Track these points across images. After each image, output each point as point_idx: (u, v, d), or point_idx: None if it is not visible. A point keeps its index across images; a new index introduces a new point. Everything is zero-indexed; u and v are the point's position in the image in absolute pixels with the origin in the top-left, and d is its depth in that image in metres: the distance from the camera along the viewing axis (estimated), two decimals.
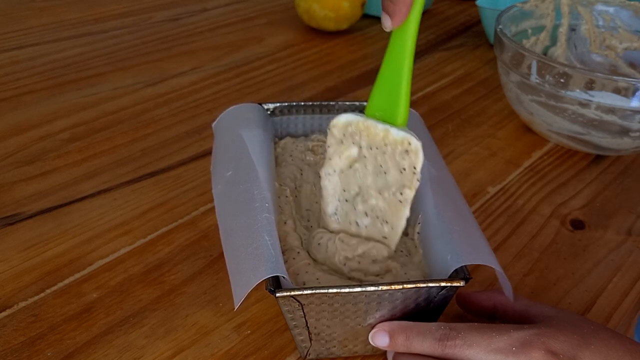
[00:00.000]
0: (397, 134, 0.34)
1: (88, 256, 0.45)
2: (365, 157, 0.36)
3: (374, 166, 0.36)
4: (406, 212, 0.36)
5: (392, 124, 0.35)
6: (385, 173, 0.35)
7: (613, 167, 0.58)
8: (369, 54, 0.82)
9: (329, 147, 0.37)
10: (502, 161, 0.59)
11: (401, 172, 0.35)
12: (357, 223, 0.38)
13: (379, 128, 0.35)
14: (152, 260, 0.45)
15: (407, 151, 0.34)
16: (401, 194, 0.35)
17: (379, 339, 0.34)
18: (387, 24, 0.34)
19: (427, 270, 0.37)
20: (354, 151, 0.36)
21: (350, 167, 0.37)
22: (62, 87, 0.69)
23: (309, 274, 0.36)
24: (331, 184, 0.37)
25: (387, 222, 0.36)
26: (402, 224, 0.36)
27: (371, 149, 0.35)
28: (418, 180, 0.34)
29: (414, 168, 0.34)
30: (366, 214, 0.37)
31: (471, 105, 0.69)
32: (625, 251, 0.48)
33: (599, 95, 0.52)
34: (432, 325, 0.33)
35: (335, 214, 0.38)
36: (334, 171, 0.37)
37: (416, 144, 0.34)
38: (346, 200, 0.37)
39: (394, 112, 0.35)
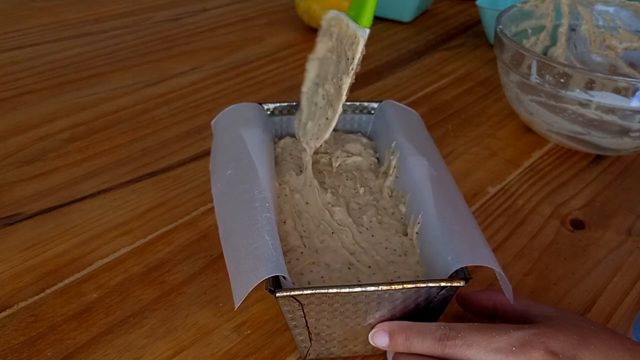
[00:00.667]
0: (352, 28, 0.39)
1: (88, 256, 0.45)
2: (334, 47, 0.41)
3: (337, 55, 0.41)
4: (343, 98, 0.40)
5: (359, 23, 0.39)
6: (339, 62, 0.41)
7: (613, 167, 0.58)
8: (369, 54, 0.82)
9: (317, 36, 0.43)
10: (502, 161, 0.59)
11: (346, 61, 0.40)
12: (316, 103, 0.42)
13: (347, 23, 0.40)
14: (152, 260, 0.45)
15: (352, 43, 0.39)
16: (341, 80, 0.40)
17: (379, 338, 0.34)
18: None
19: (424, 271, 0.37)
20: (329, 40, 0.42)
21: (327, 56, 0.42)
22: (62, 87, 0.69)
23: (313, 273, 0.36)
24: (312, 68, 0.43)
25: (332, 105, 0.41)
26: (339, 109, 0.40)
27: (340, 41, 0.41)
28: (352, 69, 0.39)
29: (352, 58, 0.39)
30: (323, 97, 0.42)
31: (471, 105, 0.69)
32: (625, 251, 0.48)
33: (599, 95, 0.52)
34: (432, 325, 0.33)
35: (306, 92, 0.43)
36: (316, 58, 0.43)
37: (360, 37, 0.38)
38: (316, 84, 0.42)
39: (360, 13, 0.39)
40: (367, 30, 0.38)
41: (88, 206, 0.50)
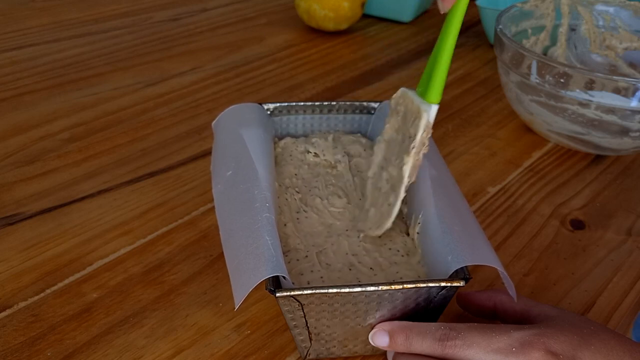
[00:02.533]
0: (416, 103, 0.37)
1: (88, 256, 0.45)
2: (400, 127, 0.39)
3: (402, 134, 0.38)
4: (405, 180, 0.37)
5: (425, 99, 0.37)
6: (403, 142, 0.38)
7: (613, 167, 0.58)
8: (369, 54, 0.82)
9: (386, 117, 0.40)
10: (502, 161, 0.59)
11: (408, 139, 0.37)
12: (380, 189, 0.40)
13: (412, 99, 0.37)
14: (152, 260, 0.45)
15: (415, 118, 0.36)
16: (402, 160, 0.37)
17: (379, 338, 0.34)
18: (440, 6, 0.37)
19: (425, 271, 0.37)
20: (396, 120, 0.39)
21: (393, 137, 0.40)
22: (62, 87, 0.69)
23: (313, 273, 0.36)
24: (379, 151, 0.41)
25: (394, 190, 0.38)
26: (401, 193, 0.38)
27: (405, 119, 0.38)
28: (414, 147, 0.36)
29: (415, 135, 0.36)
30: (387, 181, 0.39)
31: (471, 105, 0.69)
32: (625, 251, 0.48)
33: (599, 95, 0.52)
34: (432, 325, 0.33)
35: (372, 177, 0.41)
36: (383, 140, 0.40)
37: (423, 112, 0.36)
38: (382, 167, 0.40)
39: (427, 88, 0.37)
40: (434, 107, 0.36)
41: (88, 206, 0.50)
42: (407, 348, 0.33)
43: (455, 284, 0.33)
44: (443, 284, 0.33)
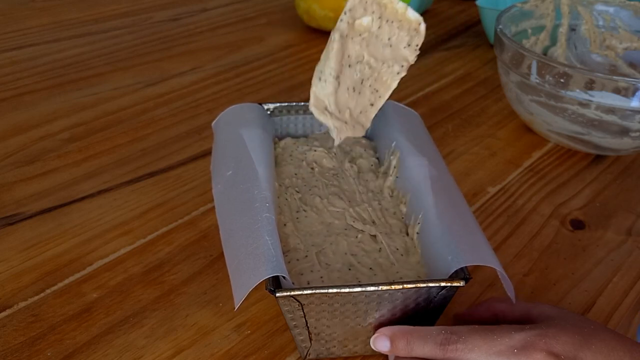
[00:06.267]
0: (412, 15, 0.37)
1: (88, 256, 0.45)
2: (379, 27, 0.39)
3: (382, 37, 0.39)
4: (395, 84, 0.39)
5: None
6: (391, 46, 0.39)
7: (613, 167, 0.58)
8: None
9: (346, 9, 0.39)
10: (502, 161, 0.59)
11: (405, 47, 0.38)
12: (353, 88, 0.39)
13: (399, 5, 0.38)
14: (152, 260, 0.45)
15: (416, 30, 0.37)
16: (402, 66, 0.38)
17: (380, 343, 0.34)
18: None
19: (424, 271, 0.37)
20: (366, 20, 0.39)
21: (360, 35, 0.39)
22: (62, 87, 0.69)
23: (313, 273, 0.36)
24: (337, 44, 0.39)
25: (377, 90, 0.39)
26: (389, 94, 0.39)
27: (387, 21, 0.38)
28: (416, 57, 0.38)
29: (417, 46, 0.38)
30: (362, 82, 0.39)
31: (471, 105, 0.69)
32: (625, 251, 0.48)
33: (599, 95, 0.52)
34: (433, 329, 0.33)
35: (331, 74, 0.39)
36: (340, 35, 0.39)
37: (423, 27, 0.37)
38: (349, 66, 0.39)
39: None
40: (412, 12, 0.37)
41: (88, 206, 0.50)
42: (409, 353, 0.33)
43: (455, 284, 0.33)
44: (443, 284, 0.33)
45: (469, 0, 1.03)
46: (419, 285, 0.32)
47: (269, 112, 0.48)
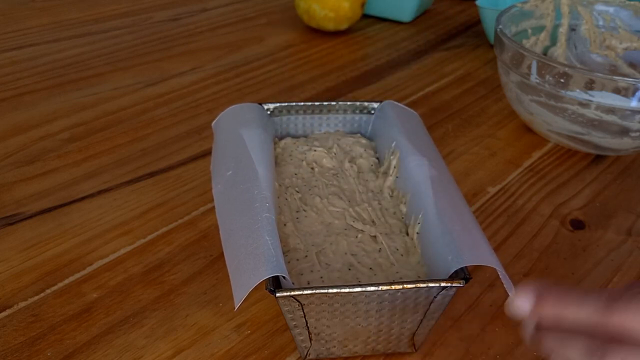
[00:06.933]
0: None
1: (88, 256, 0.45)
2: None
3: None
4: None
5: None
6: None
7: (613, 167, 0.58)
8: (369, 54, 0.82)
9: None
10: (502, 161, 0.59)
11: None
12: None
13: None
14: (152, 260, 0.45)
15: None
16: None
17: (521, 301, 0.27)
18: None
19: (424, 271, 0.37)
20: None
21: None
22: (62, 87, 0.69)
23: (313, 273, 0.36)
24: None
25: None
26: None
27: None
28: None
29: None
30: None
31: (471, 105, 0.69)
32: (625, 251, 0.48)
33: (599, 95, 0.52)
34: (587, 290, 0.27)
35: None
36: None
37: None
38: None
39: None
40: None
41: (88, 206, 0.50)
42: (559, 314, 0.26)
43: (455, 284, 0.33)
44: (443, 284, 0.32)
45: (469, 0, 1.03)
46: (419, 285, 0.32)
47: (269, 112, 0.48)
